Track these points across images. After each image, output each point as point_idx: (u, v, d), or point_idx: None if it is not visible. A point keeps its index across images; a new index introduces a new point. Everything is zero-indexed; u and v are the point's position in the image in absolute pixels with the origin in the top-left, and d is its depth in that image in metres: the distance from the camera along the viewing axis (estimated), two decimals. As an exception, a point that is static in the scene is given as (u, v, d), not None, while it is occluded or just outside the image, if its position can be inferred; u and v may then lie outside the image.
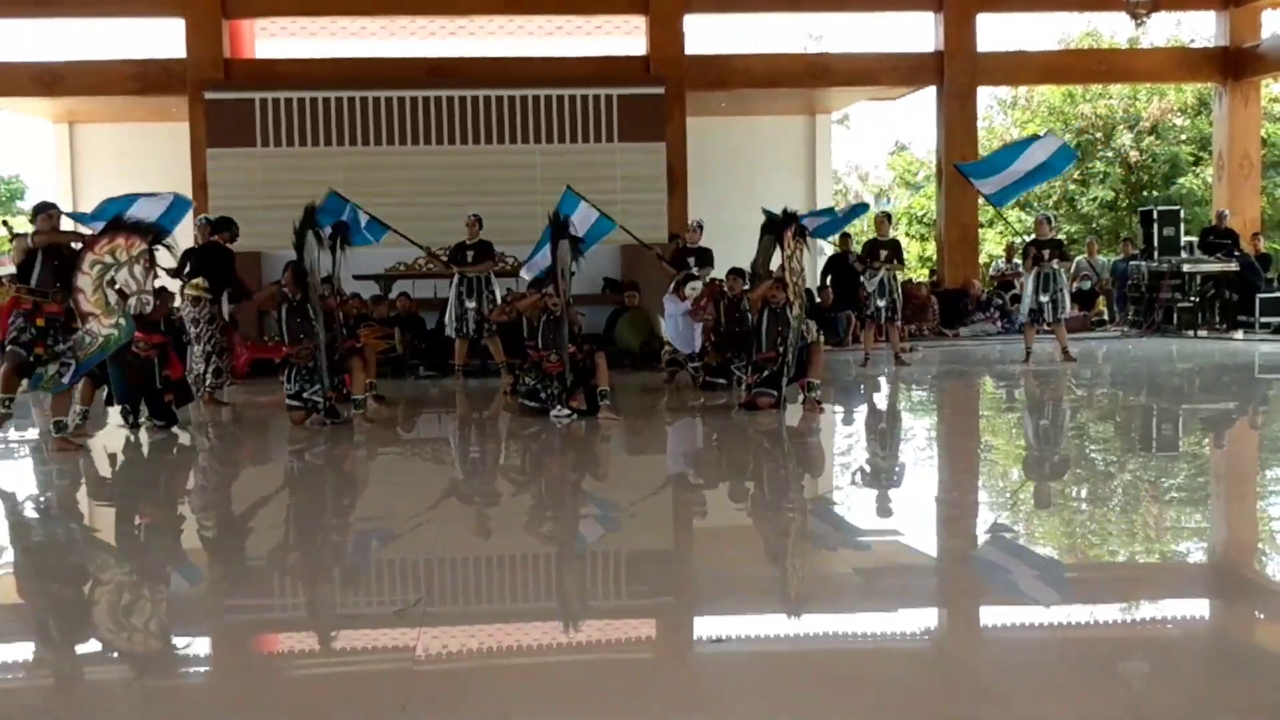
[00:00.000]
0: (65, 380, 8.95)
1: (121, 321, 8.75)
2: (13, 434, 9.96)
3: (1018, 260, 21.19)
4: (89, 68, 18.26)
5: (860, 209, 15.48)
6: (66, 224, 10.32)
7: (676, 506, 7.46)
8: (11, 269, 15.97)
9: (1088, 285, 20.35)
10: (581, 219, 12.49)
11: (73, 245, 9.10)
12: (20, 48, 19.59)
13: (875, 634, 4.53)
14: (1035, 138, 15.50)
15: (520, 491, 7.87)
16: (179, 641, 4.62)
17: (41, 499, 7.87)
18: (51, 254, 9.09)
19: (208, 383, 11.58)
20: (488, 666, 4.25)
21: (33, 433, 10.23)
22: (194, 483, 8.57)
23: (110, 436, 10.05)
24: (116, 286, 8.71)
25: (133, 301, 8.82)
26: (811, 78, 19.33)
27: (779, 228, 10.67)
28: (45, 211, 9.36)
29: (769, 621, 4.76)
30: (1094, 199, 27.93)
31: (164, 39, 18.45)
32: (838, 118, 24.87)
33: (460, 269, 13.57)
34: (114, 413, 10.45)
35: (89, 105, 19.68)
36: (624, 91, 17.42)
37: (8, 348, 9.19)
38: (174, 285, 12.13)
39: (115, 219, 9.35)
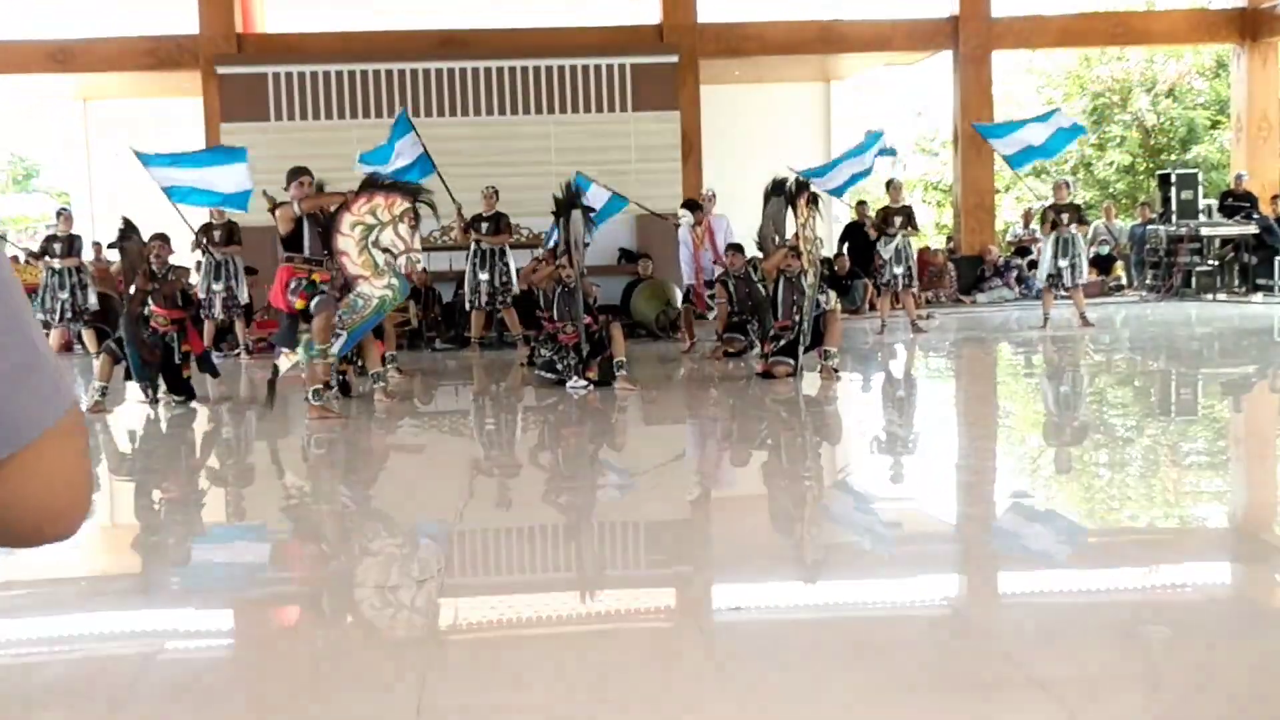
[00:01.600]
0: (335, 350, 8.97)
1: (394, 282, 8.79)
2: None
3: (1035, 226, 21.14)
4: (102, 44, 18.29)
5: (875, 137, 15.03)
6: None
7: (693, 476, 7.46)
8: (31, 247, 16.08)
9: (1105, 250, 20.27)
10: (593, 200, 12.49)
11: (331, 208, 8.98)
12: (34, 25, 19.50)
13: (893, 601, 4.53)
14: (1054, 111, 15.48)
15: (538, 462, 7.88)
16: (199, 613, 4.64)
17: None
18: (315, 220, 9.03)
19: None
20: (508, 636, 4.26)
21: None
22: (214, 457, 8.60)
23: (129, 412, 10.09)
24: (383, 246, 8.70)
25: (403, 260, 8.82)
26: (825, 44, 19.26)
27: (792, 195, 10.64)
28: (298, 178, 9.09)
29: (787, 589, 4.76)
30: (1111, 163, 27.81)
31: (177, 14, 18.40)
32: (852, 83, 24.74)
33: (479, 238, 13.60)
34: (133, 388, 10.48)
35: (103, 82, 19.71)
36: (637, 60, 17.39)
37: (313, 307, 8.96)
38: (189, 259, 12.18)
39: (370, 178, 9.35)
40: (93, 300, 14.17)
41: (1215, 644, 3.89)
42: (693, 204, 14.18)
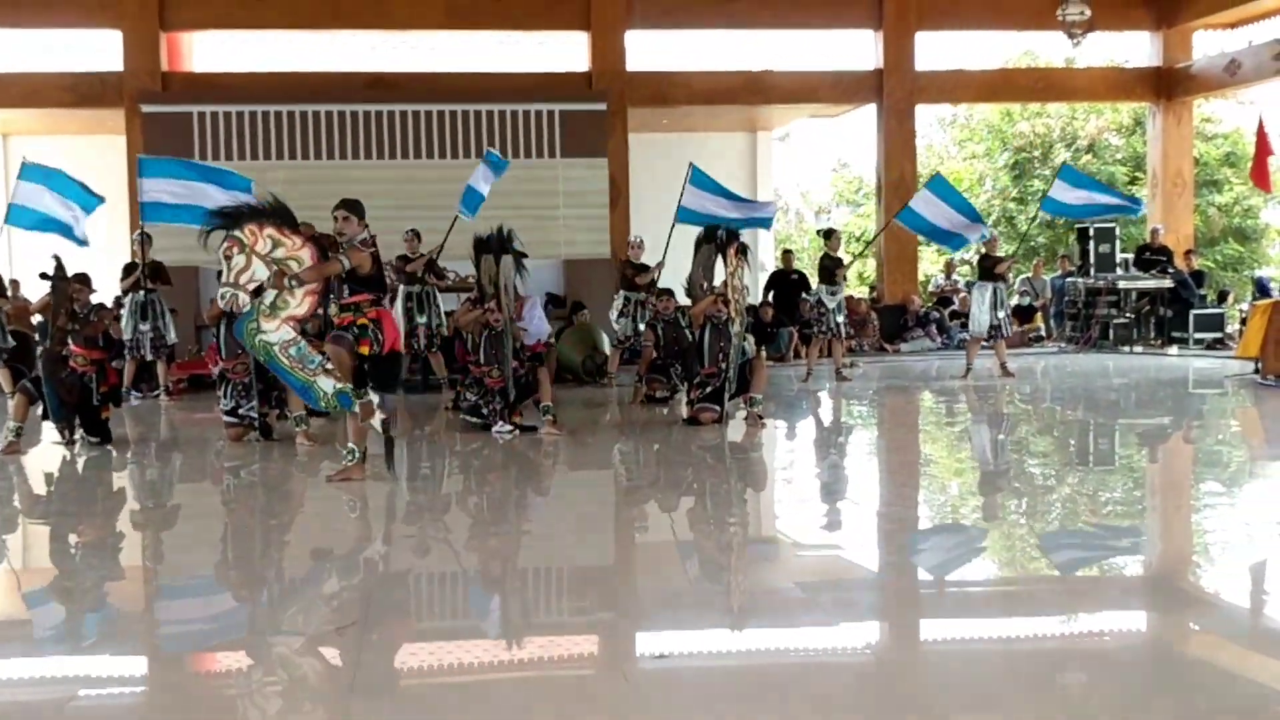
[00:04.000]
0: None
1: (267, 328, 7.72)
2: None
3: (957, 276, 21.43)
4: (22, 79, 18.07)
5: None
6: None
7: (619, 522, 7.44)
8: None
9: (1026, 301, 20.56)
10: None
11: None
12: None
13: (816, 648, 4.54)
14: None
15: (462, 507, 7.82)
16: (111, 660, 4.54)
17: (-27, 516, 7.74)
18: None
19: None
20: (429, 685, 4.22)
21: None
22: (131, 500, 8.44)
23: (45, 453, 9.90)
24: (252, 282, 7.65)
25: (231, 297, 7.64)
26: (752, 94, 19.46)
27: (722, 244, 10.70)
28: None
29: (711, 636, 4.75)
30: (1033, 217, 28.23)
31: (100, 51, 18.24)
32: (779, 135, 24.99)
33: (435, 282, 13.62)
34: (48, 428, 10.29)
35: (23, 118, 19.47)
36: (566, 107, 17.47)
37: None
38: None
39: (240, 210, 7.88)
40: (9, 339, 13.88)
41: (1133, 691, 3.94)
42: None
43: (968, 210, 14.39)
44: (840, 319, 14.58)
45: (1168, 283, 18.41)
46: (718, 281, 11.04)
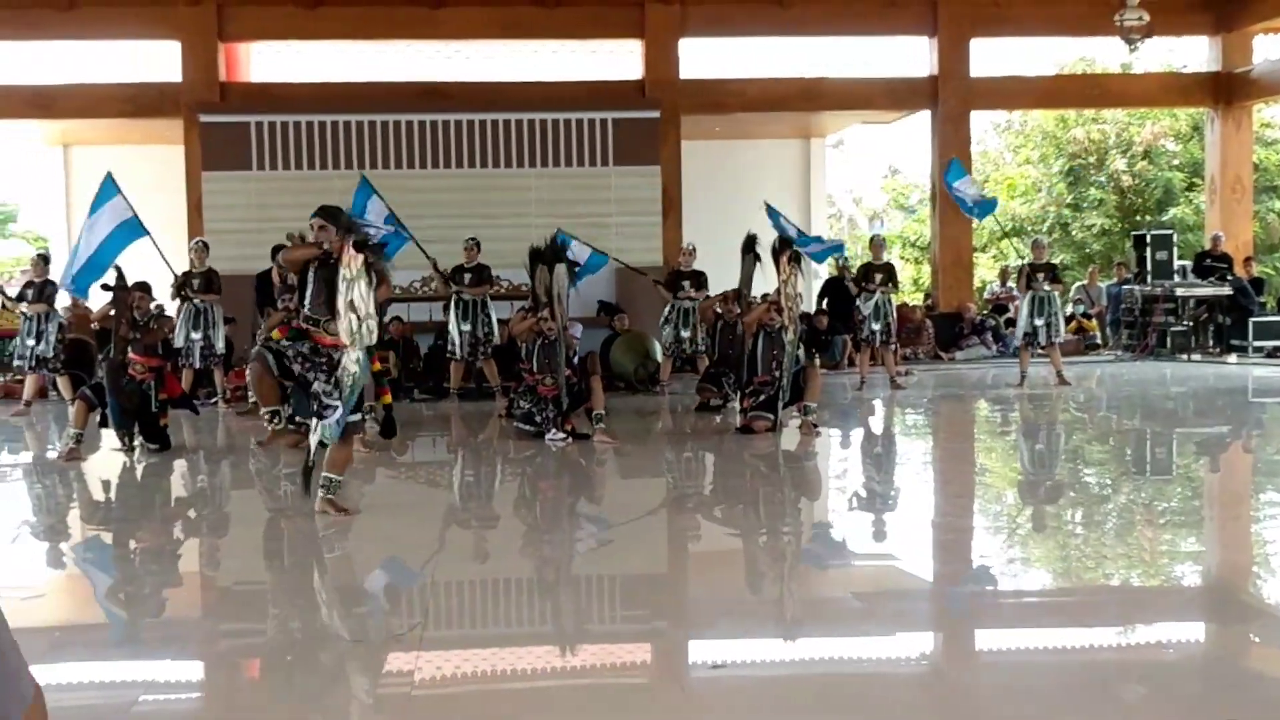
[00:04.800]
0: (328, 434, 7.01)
1: (360, 357, 6.75)
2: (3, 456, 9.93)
3: (1012, 283, 21.26)
4: (84, 90, 18.35)
5: (836, 248, 15.76)
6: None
7: (673, 530, 7.45)
8: (9, 291, 16.00)
9: (1081, 310, 20.39)
10: (575, 257, 12.57)
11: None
12: (15, 70, 19.57)
13: (872, 658, 4.53)
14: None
15: (516, 515, 7.85)
16: (172, 665, 4.60)
17: (34, 523, 7.85)
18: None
19: None
20: (485, 691, 4.24)
21: (25, 456, 10.21)
22: (189, 507, 8.55)
23: (104, 460, 10.03)
24: (352, 303, 6.75)
25: (363, 329, 6.79)
26: (806, 101, 19.42)
27: (775, 252, 10.70)
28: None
29: (767, 645, 4.75)
30: (1088, 225, 28.00)
31: (160, 62, 18.47)
32: (832, 141, 24.93)
33: (459, 289, 13.63)
34: (108, 435, 10.42)
35: (84, 128, 19.73)
36: (619, 115, 17.50)
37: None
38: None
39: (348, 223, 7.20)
40: (52, 349, 13.96)
41: (1191, 704, 3.90)
42: None
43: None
44: (877, 326, 14.50)
45: (1226, 290, 18.21)
46: (770, 289, 11.05)
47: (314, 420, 7.01)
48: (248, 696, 4.31)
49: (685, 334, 14.17)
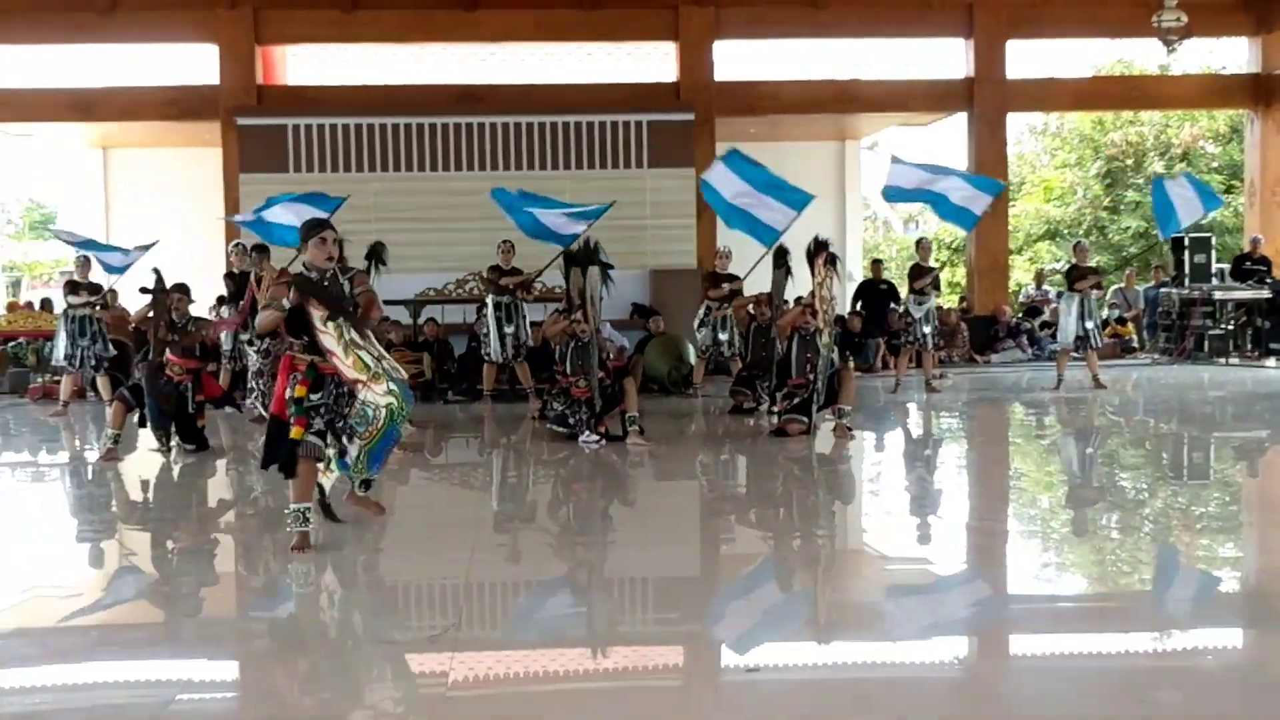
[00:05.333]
0: (372, 472, 6.63)
1: (394, 388, 6.23)
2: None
3: (1047, 287, 21.16)
4: (123, 94, 18.51)
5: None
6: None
7: (706, 533, 7.45)
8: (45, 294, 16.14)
9: (1117, 313, 20.27)
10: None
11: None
12: (55, 74, 19.76)
13: (906, 662, 4.51)
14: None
15: (549, 517, 7.87)
16: (208, 664, 4.63)
17: (72, 523, 7.92)
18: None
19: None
20: (519, 693, 4.25)
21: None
22: (225, 507, 8.60)
23: (141, 460, 10.11)
24: (357, 342, 6.25)
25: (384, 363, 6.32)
26: (841, 103, 19.39)
27: (810, 255, 10.69)
28: (318, 233, 6.50)
29: (801, 649, 4.75)
30: (1125, 228, 27.85)
31: (198, 65, 18.61)
32: (867, 144, 24.87)
33: (508, 282, 13.61)
34: (145, 436, 10.50)
35: (123, 131, 19.91)
36: (654, 117, 17.53)
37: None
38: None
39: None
40: (109, 348, 14.12)
41: (1228, 712, 3.88)
42: None
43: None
44: (928, 329, 14.48)
45: (1265, 293, 18.06)
46: (804, 292, 11.03)
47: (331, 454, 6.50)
48: (283, 696, 4.33)
49: (724, 336, 14.14)
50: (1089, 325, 14.30)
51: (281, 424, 6.35)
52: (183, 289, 10.54)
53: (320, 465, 6.46)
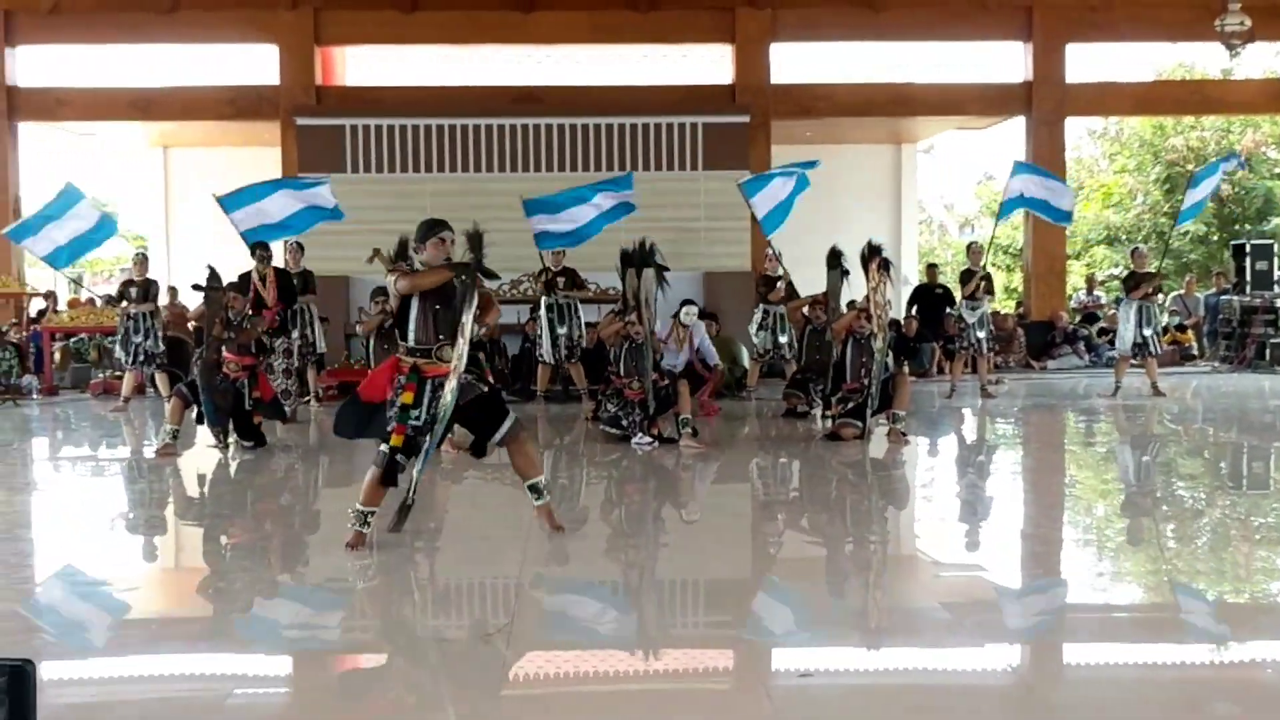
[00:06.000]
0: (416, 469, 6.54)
1: (454, 386, 6.28)
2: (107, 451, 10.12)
3: (1099, 292, 20.95)
4: (184, 93, 18.71)
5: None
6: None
7: (758, 536, 7.44)
8: (109, 291, 16.33)
9: (1177, 320, 20.05)
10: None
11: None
12: (117, 73, 20.01)
13: (959, 669, 4.49)
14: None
15: (602, 518, 7.88)
16: (264, 661, 4.68)
17: (131, 518, 8.02)
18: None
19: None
20: (571, 693, 4.26)
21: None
22: (281, 503, 8.68)
23: (199, 456, 10.21)
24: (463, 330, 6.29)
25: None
26: (897, 107, 19.31)
27: (864, 260, 10.65)
28: (437, 234, 6.46)
29: (853, 655, 4.73)
30: (1185, 233, 27.56)
31: (257, 66, 18.79)
32: (924, 147, 24.73)
33: (566, 294, 13.68)
34: (203, 432, 10.61)
35: (183, 130, 20.13)
36: (709, 120, 17.51)
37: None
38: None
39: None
40: (160, 344, 14.26)
41: (1288, 725, 3.83)
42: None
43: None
44: (982, 334, 14.40)
45: (1328, 301, 17.84)
46: (859, 296, 11.00)
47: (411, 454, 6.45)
48: (336, 694, 4.37)
49: (783, 339, 14.11)
50: (1147, 332, 14.17)
51: (364, 405, 6.47)
52: (238, 287, 10.65)
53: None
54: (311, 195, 13.05)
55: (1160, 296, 15.11)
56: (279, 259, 13.41)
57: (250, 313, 10.75)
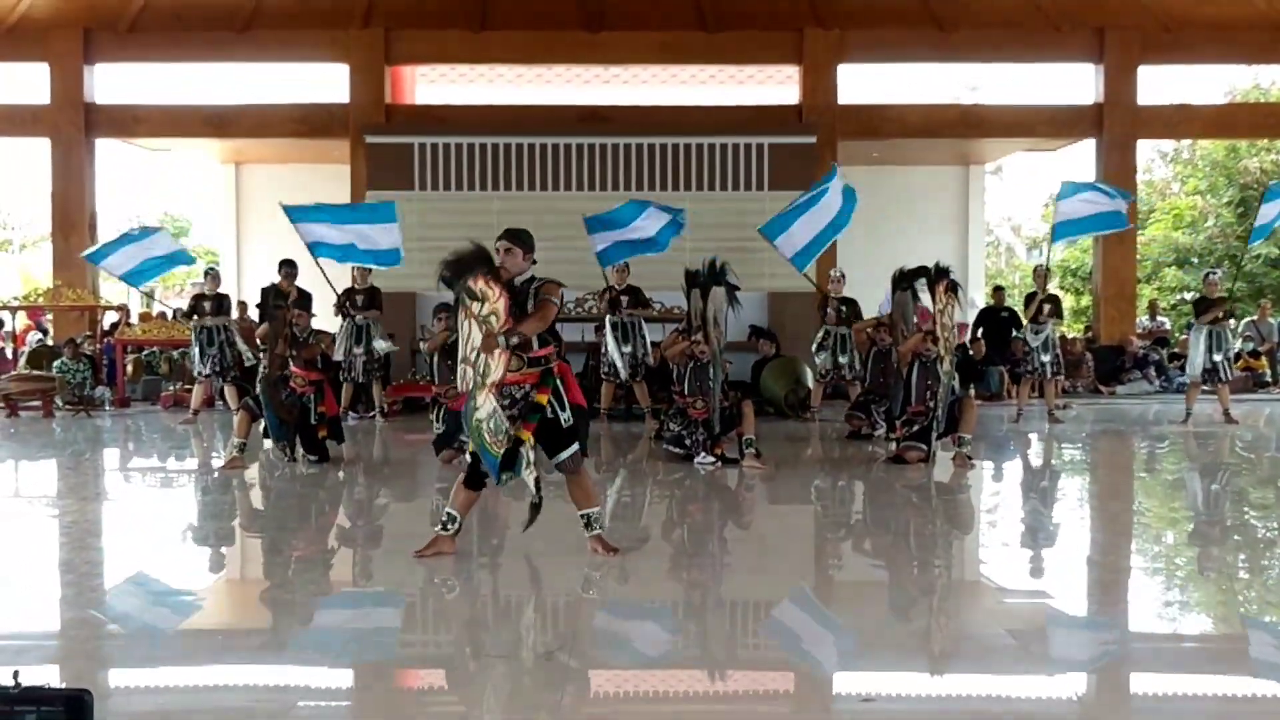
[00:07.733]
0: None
1: (487, 408, 6.30)
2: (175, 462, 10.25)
3: (1162, 318, 20.66)
4: (256, 111, 18.98)
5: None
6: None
7: (821, 558, 7.40)
8: (181, 305, 16.55)
9: (1250, 346, 19.74)
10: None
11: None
12: (192, 91, 20.36)
13: (1024, 696, 4.44)
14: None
15: (664, 538, 7.87)
16: (328, 673, 4.70)
17: (198, 529, 8.10)
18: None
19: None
20: (631, 712, 4.26)
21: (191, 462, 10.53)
22: (345, 518, 8.74)
23: (265, 469, 10.31)
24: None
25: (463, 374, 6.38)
26: (966, 128, 19.19)
27: (931, 282, 10.58)
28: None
29: (916, 680, 4.69)
30: (1257, 255, 27.13)
31: (328, 84, 19.02)
32: (991, 168, 24.55)
33: (631, 312, 13.72)
34: (269, 445, 10.72)
35: (255, 147, 20.39)
36: (776, 140, 17.47)
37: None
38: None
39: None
40: (246, 354, 14.41)
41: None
42: None
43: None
44: (1047, 358, 14.24)
45: (1406, 328, 17.50)
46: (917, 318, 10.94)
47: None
48: (397, 708, 4.38)
49: (844, 360, 14.07)
50: (1217, 358, 13.96)
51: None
52: (301, 304, 10.77)
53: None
54: (379, 232, 13.21)
55: (1233, 322, 14.84)
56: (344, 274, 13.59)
57: (314, 329, 10.85)
